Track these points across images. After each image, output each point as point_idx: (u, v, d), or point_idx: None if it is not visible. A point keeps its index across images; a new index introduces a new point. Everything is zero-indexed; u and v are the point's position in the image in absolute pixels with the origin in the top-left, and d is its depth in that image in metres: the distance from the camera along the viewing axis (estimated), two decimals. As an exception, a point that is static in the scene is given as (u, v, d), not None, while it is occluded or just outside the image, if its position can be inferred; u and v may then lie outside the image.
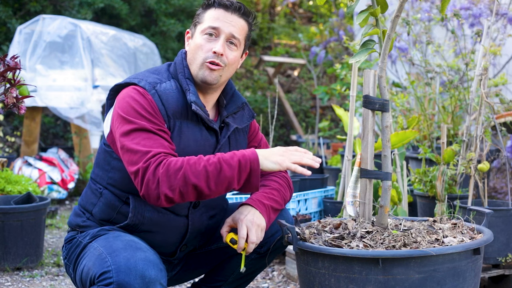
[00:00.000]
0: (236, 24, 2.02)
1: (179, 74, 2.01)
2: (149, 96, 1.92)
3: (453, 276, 1.78)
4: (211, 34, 2.00)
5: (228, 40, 2.01)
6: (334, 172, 4.92)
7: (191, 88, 1.98)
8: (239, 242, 1.99)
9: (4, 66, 2.27)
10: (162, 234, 2.02)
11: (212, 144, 2.03)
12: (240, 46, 2.05)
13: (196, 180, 1.79)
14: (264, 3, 12.16)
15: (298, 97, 9.77)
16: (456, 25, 4.77)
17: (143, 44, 6.89)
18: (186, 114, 1.98)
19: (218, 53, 1.97)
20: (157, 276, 1.74)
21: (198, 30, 2.03)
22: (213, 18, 2.01)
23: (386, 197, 1.96)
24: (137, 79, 1.97)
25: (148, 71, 2.04)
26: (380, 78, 1.96)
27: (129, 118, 1.87)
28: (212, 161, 1.82)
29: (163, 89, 1.96)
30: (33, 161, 5.46)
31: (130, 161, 1.83)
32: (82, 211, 2.06)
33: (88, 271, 1.83)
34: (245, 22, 2.06)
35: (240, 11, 2.03)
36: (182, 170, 1.79)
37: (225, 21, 2.00)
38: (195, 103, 1.95)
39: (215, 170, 1.80)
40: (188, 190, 1.79)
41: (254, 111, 2.61)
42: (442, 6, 1.99)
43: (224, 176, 1.81)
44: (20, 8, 7.64)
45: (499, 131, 2.94)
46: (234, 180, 1.82)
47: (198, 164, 1.80)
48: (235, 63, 2.05)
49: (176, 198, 1.80)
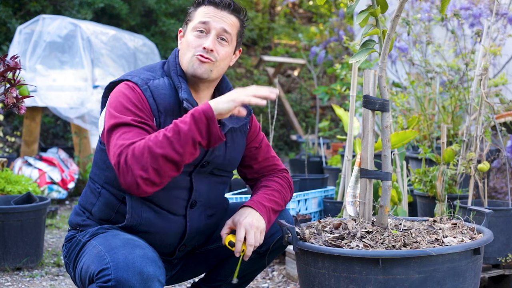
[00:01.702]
0: (226, 20, 2.02)
1: (172, 71, 2.02)
2: (138, 90, 1.92)
3: (453, 276, 1.78)
4: (202, 31, 2.01)
5: (219, 36, 2.01)
6: (334, 172, 4.92)
7: (183, 85, 1.98)
8: (236, 245, 1.99)
9: (4, 66, 2.27)
10: (161, 235, 2.02)
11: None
12: (231, 42, 2.05)
13: (161, 150, 1.77)
14: (264, 3, 12.16)
15: (298, 97, 9.77)
16: (456, 25, 4.77)
17: (143, 44, 6.89)
18: (178, 111, 1.97)
19: (208, 48, 1.98)
20: (156, 273, 1.75)
21: (189, 28, 2.04)
22: (203, 14, 2.02)
23: (386, 197, 1.96)
24: (130, 76, 1.98)
25: (143, 69, 2.05)
26: (380, 78, 1.96)
27: (115, 113, 1.88)
28: (169, 127, 1.81)
29: (156, 85, 1.96)
30: (33, 161, 5.46)
31: (110, 157, 1.84)
32: (82, 210, 2.07)
33: (87, 268, 1.84)
34: (236, 19, 2.06)
35: (230, 7, 2.04)
36: (146, 147, 1.77)
37: (215, 17, 2.01)
38: (187, 100, 1.95)
39: (174, 133, 1.78)
40: (159, 163, 1.77)
41: (254, 111, 2.60)
42: (442, 6, 1.99)
43: (184, 134, 1.78)
44: (20, 8, 7.64)
45: (499, 131, 2.94)
46: (196, 135, 1.79)
47: (158, 136, 1.79)
48: (227, 58, 2.05)
49: (152, 177, 1.78)
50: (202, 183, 2.05)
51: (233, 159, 2.13)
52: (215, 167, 2.08)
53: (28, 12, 7.52)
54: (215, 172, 2.09)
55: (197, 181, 2.03)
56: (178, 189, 2.00)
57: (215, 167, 2.07)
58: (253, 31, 10.75)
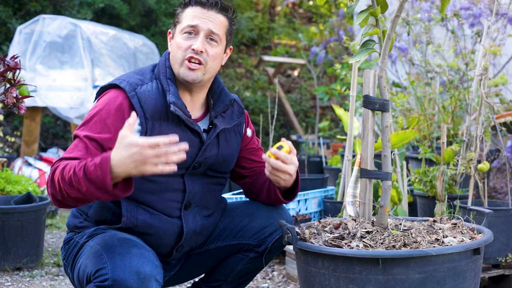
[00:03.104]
0: (214, 20, 2.02)
1: (161, 74, 2.02)
2: (119, 99, 1.92)
3: (453, 276, 1.78)
4: (190, 33, 2.00)
5: (208, 36, 2.01)
6: (334, 172, 4.92)
7: (171, 88, 1.97)
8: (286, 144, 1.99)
9: (4, 66, 2.27)
10: (157, 236, 2.01)
11: (196, 145, 2.01)
12: (221, 42, 2.04)
13: (63, 184, 1.75)
14: (264, 3, 12.16)
15: (298, 97, 9.77)
16: (456, 25, 4.77)
17: (143, 44, 6.90)
18: (166, 115, 1.97)
19: (197, 50, 1.97)
20: (152, 272, 1.75)
21: (178, 30, 2.04)
22: (191, 16, 2.01)
23: (386, 197, 1.96)
24: (119, 80, 1.98)
25: (134, 72, 2.05)
26: (380, 78, 1.96)
27: (82, 122, 1.93)
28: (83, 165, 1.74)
29: (143, 90, 1.96)
30: (33, 161, 5.46)
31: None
32: (79, 212, 2.07)
33: (85, 269, 1.84)
34: (224, 17, 2.05)
35: (217, 6, 2.03)
36: (59, 173, 1.77)
37: (202, 18, 2.00)
38: (174, 104, 1.94)
39: (75, 177, 1.73)
40: (63, 194, 1.77)
41: (254, 111, 2.59)
42: (442, 6, 1.99)
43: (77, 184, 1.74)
44: (20, 8, 7.64)
45: (499, 131, 2.94)
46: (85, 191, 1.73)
47: (71, 168, 1.75)
48: (217, 59, 2.04)
49: (57, 196, 1.79)
50: (196, 185, 2.05)
51: (227, 159, 2.12)
52: (208, 168, 2.07)
53: (28, 12, 7.52)
54: (209, 173, 2.09)
55: (190, 182, 2.03)
56: (171, 191, 2.00)
57: (208, 168, 2.07)
58: (253, 31, 10.75)
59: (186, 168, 2.01)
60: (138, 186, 1.94)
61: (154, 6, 8.30)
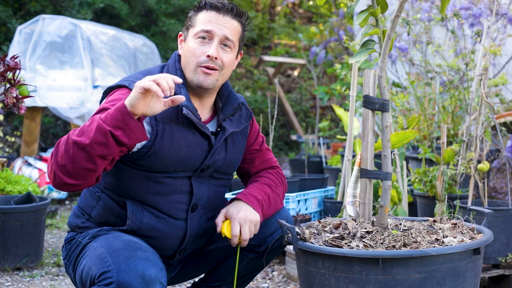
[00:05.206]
0: (229, 26, 1.99)
1: None
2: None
3: (453, 276, 1.78)
4: (204, 38, 1.97)
5: (222, 42, 1.98)
6: (334, 172, 4.92)
7: (182, 91, 1.95)
8: (232, 239, 2.01)
9: (4, 66, 2.27)
10: (161, 239, 2.01)
11: (205, 148, 2.00)
12: (234, 48, 2.02)
13: (75, 137, 1.70)
14: (264, 3, 12.16)
15: (298, 97, 9.78)
16: (456, 25, 4.77)
17: (143, 44, 6.89)
18: (176, 118, 1.94)
19: (212, 56, 1.94)
20: (157, 275, 1.75)
21: (191, 34, 2.00)
22: (205, 21, 1.97)
23: (386, 197, 1.96)
24: (128, 82, 1.94)
25: (141, 73, 2.01)
26: (380, 78, 1.96)
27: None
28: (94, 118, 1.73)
29: None
30: (33, 161, 5.46)
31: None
32: (82, 212, 2.06)
33: (88, 271, 1.83)
34: (238, 23, 2.03)
35: (233, 12, 2.00)
36: (67, 136, 1.73)
37: (217, 24, 1.97)
38: (186, 107, 1.91)
39: (91, 123, 1.71)
40: (73, 150, 1.70)
41: (254, 111, 2.60)
42: (442, 6, 1.99)
43: (97, 124, 1.70)
44: (20, 8, 7.64)
45: (499, 131, 2.94)
46: (105, 126, 1.69)
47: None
48: (231, 65, 2.03)
49: (68, 165, 1.70)
50: (202, 187, 2.05)
51: (233, 162, 2.13)
52: (215, 170, 2.07)
53: (28, 12, 7.52)
54: (215, 175, 2.09)
55: (197, 184, 2.03)
56: (178, 193, 2.00)
57: (215, 170, 2.07)
58: (253, 31, 10.75)
59: (194, 171, 2.00)
60: (145, 188, 1.93)
61: (154, 6, 8.30)
